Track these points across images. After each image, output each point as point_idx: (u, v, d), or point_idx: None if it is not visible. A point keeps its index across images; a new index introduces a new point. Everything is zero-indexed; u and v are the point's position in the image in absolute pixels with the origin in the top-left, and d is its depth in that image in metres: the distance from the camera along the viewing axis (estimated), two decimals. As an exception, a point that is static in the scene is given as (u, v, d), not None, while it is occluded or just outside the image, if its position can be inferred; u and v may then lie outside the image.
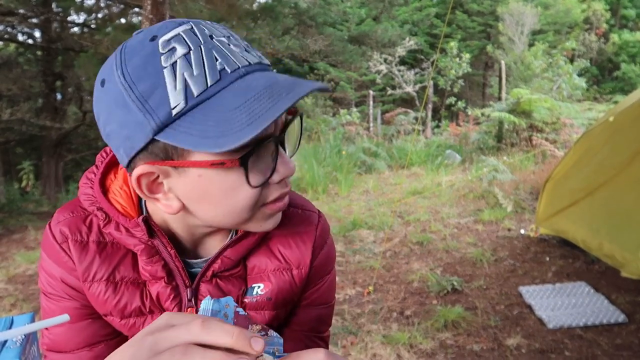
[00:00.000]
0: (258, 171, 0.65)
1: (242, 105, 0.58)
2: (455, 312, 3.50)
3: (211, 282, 0.79)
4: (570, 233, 4.53)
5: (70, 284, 0.78)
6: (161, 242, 0.75)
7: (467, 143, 10.96)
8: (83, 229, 0.78)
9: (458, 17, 21.60)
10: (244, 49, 0.65)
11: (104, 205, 0.76)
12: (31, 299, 4.24)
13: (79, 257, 0.76)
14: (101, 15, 12.77)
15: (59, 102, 14.03)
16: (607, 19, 22.79)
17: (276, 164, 0.66)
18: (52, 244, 0.78)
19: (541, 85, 12.17)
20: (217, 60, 0.61)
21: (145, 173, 0.65)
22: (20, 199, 10.09)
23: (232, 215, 0.69)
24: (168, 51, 0.60)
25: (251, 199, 0.67)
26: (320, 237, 0.88)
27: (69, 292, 0.79)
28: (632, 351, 3.00)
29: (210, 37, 0.63)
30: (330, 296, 0.94)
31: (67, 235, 0.77)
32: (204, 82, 0.59)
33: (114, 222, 0.75)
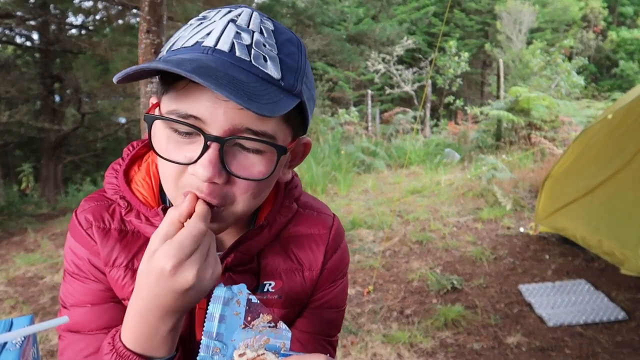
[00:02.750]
0: (179, 146, 0.68)
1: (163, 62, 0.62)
2: (455, 311, 3.50)
3: (224, 275, 0.80)
4: (570, 231, 4.53)
5: (96, 265, 0.81)
6: None
7: (466, 142, 10.96)
8: (106, 216, 0.82)
9: (456, 16, 21.60)
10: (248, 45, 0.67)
11: (126, 195, 0.80)
12: (31, 301, 4.23)
13: (101, 243, 0.80)
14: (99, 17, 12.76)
15: (57, 104, 14.02)
16: (604, 16, 22.80)
17: (200, 159, 0.65)
18: (78, 229, 0.82)
19: (539, 84, 12.18)
20: (207, 34, 0.67)
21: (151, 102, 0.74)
22: (19, 202, 10.09)
23: (163, 181, 0.73)
24: (201, 15, 0.71)
25: (167, 169, 0.69)
26: (333, 240, 0.90)
27: (94, 273, 0.82)
28: (632, 348, 3.00)
29: (232, 20, 0.69)
30: (341, 300, 0.95)
31: (92, 222, 0.81)
32: (182, 43, 0.68)
33: (135, 211, 0.79)
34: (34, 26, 12.89)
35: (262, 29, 0.69)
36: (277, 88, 0.67)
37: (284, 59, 0.68)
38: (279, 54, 0.68)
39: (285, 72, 0.68)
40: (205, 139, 0.65)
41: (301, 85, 0.70)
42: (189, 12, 9.66)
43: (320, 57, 14.61)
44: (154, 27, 4.87)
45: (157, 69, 0.60)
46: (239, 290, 0.66)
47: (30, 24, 12.76)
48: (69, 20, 13.68)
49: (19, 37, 13.74)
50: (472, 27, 21.99)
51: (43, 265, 5.13)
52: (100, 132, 16.29)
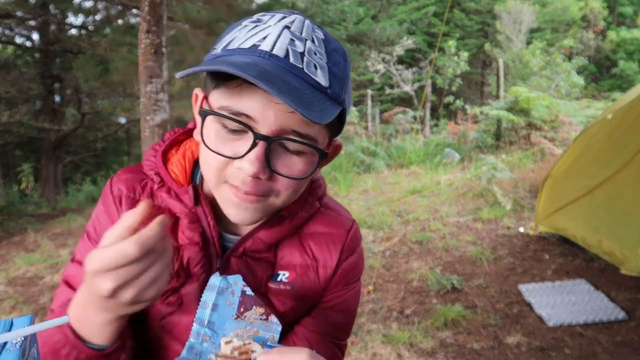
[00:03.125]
0: (227, 141, 0.71)
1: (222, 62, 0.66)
2: (455, 311, 3.50)
3: (241, 258, 0.84)
4: (570, 231, 4.54)
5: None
6: (203, 211, 0.82)
7: (466, 142, 10.97)
8: (137, 188, 0.87)
9: (456, 16, 21.61)
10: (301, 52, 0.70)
11: (161, 172, 0.85)
12: (31, 301, 4.24)
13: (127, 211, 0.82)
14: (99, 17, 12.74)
15: (57, 104, 14.01)
16: (604, 16, 22.80)
17: (247, 154, 0.69)
18: (107, 196, 0.87)
19: (539, 83, 12.18)
20: (264, 39, 0.70)
21: (197, 94, 0.79)
22: (19, 202, 10.09)
23: (205, 168, 0.77)
24: (256, 17, 0.73)
25: (212, 158, 0.73)
26: (350, 242, 0.92)
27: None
28: (632, 348, 3.01)
29: (286, 27, 0.72)
30: (353, 305, 0.96)
31: (123, 192, 0.86)
32: (239, 44, 0.70)
33: (167, 187, 0.84)
34: (34, 26, 12.88)
35: (314, 37, 0.73)
36: (324, 95, 0.71)
37: (331, 68, 0.72)
38: (328, 62, 0.72)
39: (332, 81, 0.72)
40: (254, 136, 0.69)
41: (344, 94, 0.75)
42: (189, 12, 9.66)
43: (320, 57, 14.58)
44: (154, 27, 4.87)
45: (226, 71, 0.63)
46: (234, 281, 0.68)
47: (30, 24, 12.76)
48: (69, 20, 13.68)
49: (19, 37, 13.73)
50: (472, 27, 21.99)
51: (43, 265, 5.13)
52: (100, 132, 16.28)
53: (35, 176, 13.60)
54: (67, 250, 5.64)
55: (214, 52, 0.73)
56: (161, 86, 4.92)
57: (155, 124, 4.93)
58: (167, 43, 5.70)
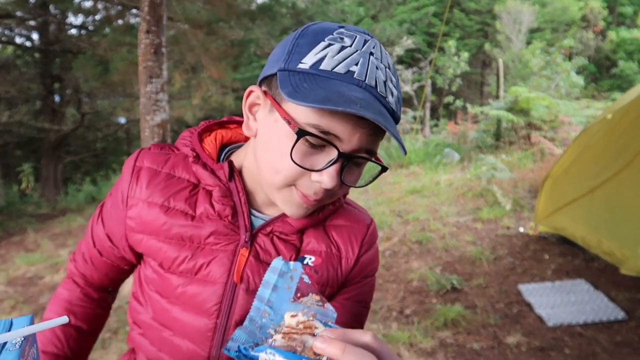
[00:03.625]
0: (306, 155, 0.76)
1: (335, 93, 0.69)
2: (455, 311, 3.51)
3: (269, 236, 0.89)
4: (570, 230, 4.54)
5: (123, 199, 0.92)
6: (236, 186, 0.88)
7: (466, 142, 10.96)
8: (160, 161, 0.91)
9: (456, 16, 21.60)
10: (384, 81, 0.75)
11: (196, 148, 0.91)
12: (31, 301, 4.24)
13: (147, 181, 0.89)
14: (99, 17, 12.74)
15: (57, 104, 14.00)
16: (604, 16, 22.79)
17: (326, 168, 0.76)
18: (130, 162, 0.93)
19: (539, 83, 12.17)
20: (356, 64, 0.73)
21: (254, 92, 0.82)
22: (19, 202, 10.10)
23: (271, 171, 0.79)
24: (337, 36, 0.75)
25: (288, 167, 0.77)
26: (369, 237, 0.99)
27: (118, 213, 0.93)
28: (631, 348, 3.01)
29: (371, 53, 0.76)
30: (369, 298, 1.02)
31: (144, 164, 0.91)
32: (333, 66, 0.72)
33: (202, 162, 0.89)
34: (34, 26, 12.88)
35: (389, 63, 0.78)
36: (393, 118, 0.77)
37: (398, 93, 0.79)
38: (396, 88, 0.79)
39: (398, 106, 0.79)
40: (338, 154, 0.74)
41: (400, 113, 0.81)
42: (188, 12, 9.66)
43: (320, 57, 14.58)
44: (154, 27, 4.86)
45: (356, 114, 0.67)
46: (294, 268, 0.72)
47: (30, 24, 12.75)
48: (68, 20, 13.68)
49: (19, 37, 13.74)
50: (471, 27, 21.98)
51: (43, 265, 5.13)
52: (100, 132, 16.28)
53: (35, 176, 13.59)
54: (67, 250, 5.64)
55: (301, 65, 0.74)
56: (161, 86, 4.92)
57: (155, 124, 4.92)
58: (167, 43, 5.70)
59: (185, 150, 0.92)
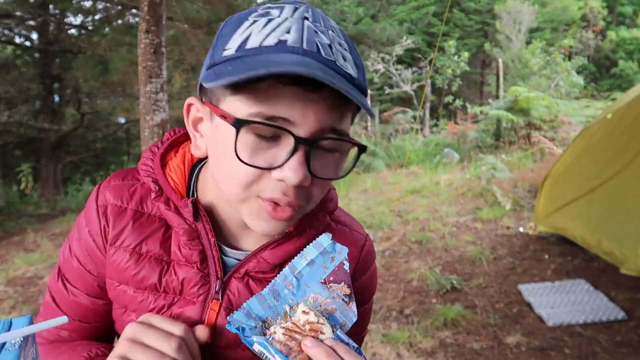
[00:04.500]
0: (258, 151, 0.63)
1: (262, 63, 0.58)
2: (455, 311, 3.50)
3: (243, 279, 0.77)
4: (569, 230, 4.54)
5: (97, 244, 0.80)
6: (204, 227, 0.75)
7: (465, 141, 10.96)
8: (125, 195, 0.79)
9: (455, 16, 21.60)
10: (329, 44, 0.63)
11: (159, 179, 0.77)
12: (30, 301, 4.23)
13: (114, 221, 0.78)
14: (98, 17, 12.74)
15: (56, 105, 14.00)
16: (604, 16, 22.79)
17: (286, 161, 0.63)
18: (92, 204, 0.80)
19: (539, 83, 12.17)
20: (287, 32, 0.61)
21: (193, 104, 0.72)
22: (19, 202, 10.09)
23: (228, 183, 0.67)
24: (262, 11, 0.65)
25: (241, 173, 0.64)
26: (363, 261, 0.85)
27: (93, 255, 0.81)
28: (631, 348, 3.01)
29: (305, 18, 0.64)
30: (363, 328, 0.90)
31: (109, 201, 0.79)
32: (260, 41, 0.61)
33: (165, 197, 0.76)
34: (33, 26, 12.87)
35: (331, 27, 0.67)
36: (354, 86, 0.64)
37: (354, 58, 0.67)
38: (350, 52, 0.67)
39: (358, 71, 0.66)
40: (295, 141, 0.62)
41: (365, 82, 0.68)
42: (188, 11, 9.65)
43: (320, 57, 14.59)
44: (154, 27, 4.86)
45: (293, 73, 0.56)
46: (339, 250, 0.67)
47: (29, 24, 12.75)
48: (68, 20, 13.67)
49: (18, 37, 13.72)
50: (471, 27, 21.99)
51: (42, 265, 5.13)
52: (99, 132, 16.27)
53: (35, 176, 13.58)
54: (67, 250, 5.64)
55: (225, 52, 0.63)
56: (160, 86, 4.92)
57: (155, 123, 4.93)
58: (167, 43, 5.70)
59: (146, 181, 0.78)
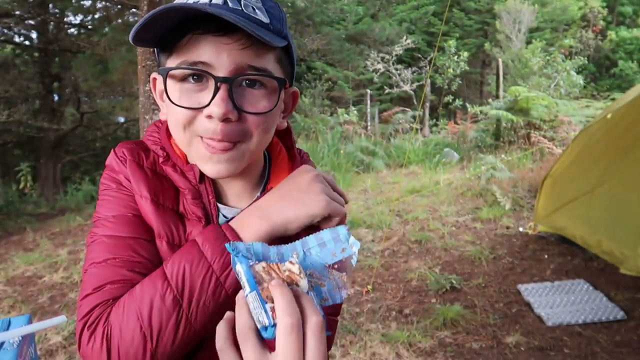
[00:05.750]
0: (188, 94, 0.76)
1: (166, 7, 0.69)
2: (454, 311, 3.50)
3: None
4: (569, 230, 4.54)
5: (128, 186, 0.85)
6: (206, 188, 0.85)
7: (465, 141, 10.97)
8: (142, 155, 0.87)
9: (455, 15, 21.59)
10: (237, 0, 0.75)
11: (166, 146, 0.87)
12: (30, 300, 4.23)
13: (133, 174, 0.84)
14: (98, 16, 12.73)
15: (56, 104, 13.99)
16: (604, 16, 22.79)
17: (212, 100, 0.73)
18: (114, 160, 0.87)
19: (539, 83, 12.17)
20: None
21: (157, 78, 0.83)
22: (18, 201, 10.07)
23: (174, 130, 0.80)
24: None
25: (178, 115, 0.76)
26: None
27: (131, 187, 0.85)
28: (631, 348, 3.01)
29: None
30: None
31: (127, 156, 0.86)
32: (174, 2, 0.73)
33: (172, 162, 0.86)
34: (33, 25, 12.86)
35: None
36: (268, 30, 0.75)
37: (268, 9, 0.78)
38: (263, 5, 0.78)
39: (272, 19, 0.77)
40: (215, 80, 0.73)
41: (286, 31, 0.80)
42: (188, 11, 9.64)
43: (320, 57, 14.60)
44: (153, 27, 4.86)
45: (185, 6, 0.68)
46: (351, 244, 0.70)
47: (29, 23, 12.74)
48: (67, 19, 13.65)
49: (18, 36, 13.70)
50: (471, 27, 21.98)
51: (42, 264, 5.13)
52: (99, 132, 16.26)
53: (34, 176, 13.55)
54: (66, 249, 5.63)
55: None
56: (160, 85, 4.91)
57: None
58: (166, 42, 5.68)
59: (154, 148, 0.88)
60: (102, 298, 0.74)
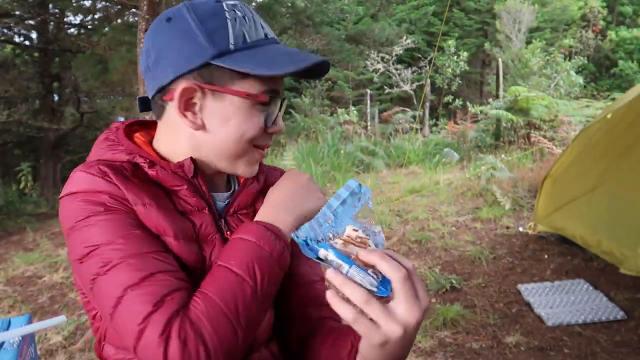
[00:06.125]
0: (258, 113, 0.87)
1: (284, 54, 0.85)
2: (454, 311, 3.50)
3: (234, 216, 0.95)
4: (569, 230, 4.53)
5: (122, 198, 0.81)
6: (198, 181, 0.90)
7: (465, 141, 10.97)
8: (121, 167, 0.85)
9: (455, 15, 21.59)
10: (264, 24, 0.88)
11: (145, 154, 0.88)
12: (30, 300, 4.23)
13: (125, 186, 0.82)
14: (98, 16, 12.73)
15: (56, 104, 14.00)
16: (604, 16, 22.80)
17: (278, 116, 0.90)
18: (90, 181, 0.81)
19: (539, 83, 12.17)
20: (262, 27, 0.87)
21: (189, 88, 0.83)
22: (18, 201, 10.07)
23: (234, 141, 0.87)
24: (231, 10, 0.84)
25: (251, 132, 0.87)
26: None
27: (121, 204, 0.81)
28: (631, 348, 3.01)
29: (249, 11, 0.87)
30: None
31: (107, 172, 0.82)
32: (255, 35, 0.85)
33: (158, 166, 0.87)
34: (33, 25, 12.87)
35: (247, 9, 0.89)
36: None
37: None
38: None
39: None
40: (281, 101, 0.90)
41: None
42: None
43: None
44: (153, 26, 4.86)
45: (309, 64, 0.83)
46: (364, 192, 0.80)
47: (29, 23, 12.74)
48: (67, 19, 13.66)
49: (18, 36, 13.72)
50: (471, 27, 21.98)
51: (42, 264, 5.13)
52: (99, 132, 16.11)
53: (34, 175, 13.55)
54: (66, 249, 5.62)
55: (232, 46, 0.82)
56: (160, 85, 4.91)
57: (154, 123, 4.92)
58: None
59: (129, 157, 0.86)
60: (170, 310, 0.72)
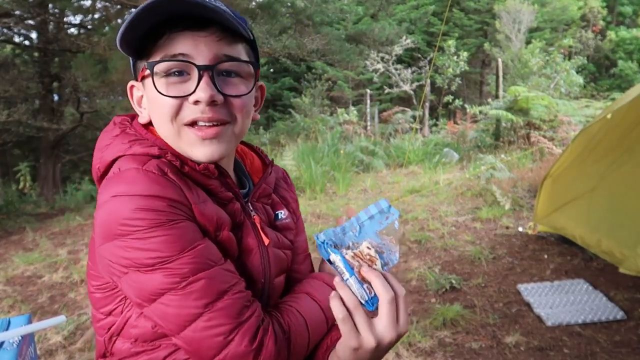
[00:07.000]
0: (171, 85, 0.82)
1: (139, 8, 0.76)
2: (454, 310, 3.50)
3: (258, 202, 0.99)
4: (569, 230, 4.54)
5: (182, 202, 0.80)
6: (226, 179, 0.92)
7: (465, 141, 10.98)
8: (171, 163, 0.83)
9: (455, 15, 21.60)
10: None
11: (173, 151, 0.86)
12: (29, 300, 4.23)
13: (184, 184, 0.82)
14: (98, 16, 12.72)
15: (56, 104, 13.97)
16: (603, 16, 22.82)
17: (198, 86, 0.80)
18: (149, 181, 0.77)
19: (538, 83, 12.18)
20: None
21: (134, 85, 0.90)
22: (18, 201, 10.06)
23: (162, 124, 0.85)
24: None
25: (166, 108, 0.82)
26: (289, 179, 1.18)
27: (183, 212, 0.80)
28: (630, 348, 3.01)
29: None
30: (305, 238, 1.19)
31: (165, 170, 0.81)
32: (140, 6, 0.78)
33: (189, 167, 0.85)
34: (33, 25, 12.84)
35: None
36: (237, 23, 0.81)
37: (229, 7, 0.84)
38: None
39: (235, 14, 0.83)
40: (198, 68, 0.80)
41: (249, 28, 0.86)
42: (187, 11, 9.63)
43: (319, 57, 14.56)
44: (153, 26, 4.86)
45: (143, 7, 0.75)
46: (392, 212, 0.87)
47: (28, 23, 12.72)
48: (67, 19, 13.64)
49: (18, 36, 13.69)
50: (471, 27, 21.99)
51: (42, 264, 5.13)
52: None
53: (34, 175, 13.56)
54: (66, 249, 5.63)
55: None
56: (160, 85, 4.91)
57: (154, 123, 4.92)
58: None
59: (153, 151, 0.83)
60: (257, 320, 0.82)
